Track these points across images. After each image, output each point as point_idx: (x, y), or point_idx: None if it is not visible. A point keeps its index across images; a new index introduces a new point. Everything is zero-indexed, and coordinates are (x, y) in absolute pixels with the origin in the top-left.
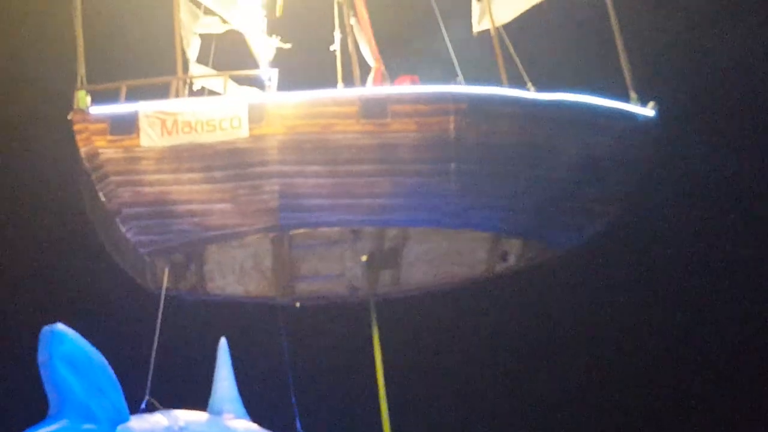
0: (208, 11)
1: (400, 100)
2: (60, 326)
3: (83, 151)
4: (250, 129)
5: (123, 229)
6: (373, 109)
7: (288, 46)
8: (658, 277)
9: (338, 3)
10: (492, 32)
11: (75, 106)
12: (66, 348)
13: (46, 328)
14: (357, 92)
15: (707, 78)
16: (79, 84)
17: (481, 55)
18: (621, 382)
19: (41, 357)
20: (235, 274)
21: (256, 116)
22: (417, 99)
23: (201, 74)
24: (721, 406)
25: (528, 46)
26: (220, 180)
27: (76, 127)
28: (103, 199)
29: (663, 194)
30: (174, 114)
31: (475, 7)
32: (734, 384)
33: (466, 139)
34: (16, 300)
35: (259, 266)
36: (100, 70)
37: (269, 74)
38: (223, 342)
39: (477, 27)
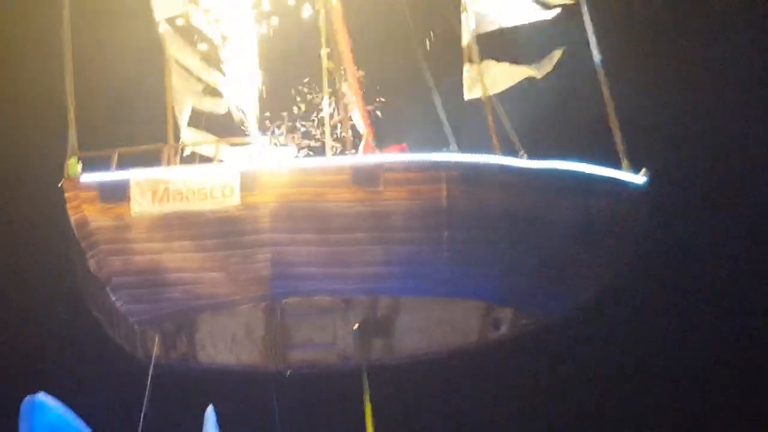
0: (199, 78)
1: (391, 168)
2: (42, 396)
3: (73, 219)
4: (242, 197)
5: (113, 298)
6: (364, 177)
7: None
8: (648, 345)
9: (328, 69)
10: (483, 100)
11: (66, 174)
12: (48, 419)
13: (27, 399)
14: (348, 160)
15: (699, 146)
16: (70, 151)
17: (473, 121)
18: None
19: (22, 429)
20: (227, 344)
21: (247, 184)
22: (409, 167)
23: (192, 141)
24: None
25: (519, 112)
26: (212, 248)
27: (66, 195)
28: (92, 267)
29: (655, 260)
30: (165, 182)
31: (467, 74)
32: None
33: (458, 208)
34: None
35: (251, 335)
36: (92, 136)
37: (260, 142)
38: (209, 410)
39: (468, 95)
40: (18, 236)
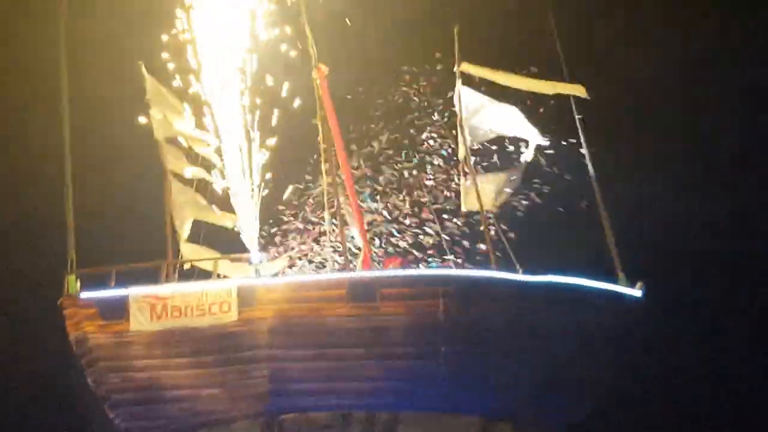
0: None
1: (389, 283)
2: None
3: (73, 336)
4: (240, 313)
5: (111, 415)
6: (362, 293)
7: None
8: None
9: (327, 185)
10: (481, 217)
11: (65, 291)
12: None
13: None
14: (346, 276)
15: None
16: (69, 268)
17: (471, 234)
18: None
19: None
20: None
21: (245, 300)
22: (405, 282)
23: (191, 258)
24: None
25: (517, 228)
26: (210, 365)
27: (66, 312)
28: (91, 384)
29: (651, 371)
30: (163, 298)
31: (463, 187)
32: None
33: (455, 323)
34: None
35: None
36: (91, 252)
37: (259, 258)
38: None
39: (465, 207)
40: (16, 352)
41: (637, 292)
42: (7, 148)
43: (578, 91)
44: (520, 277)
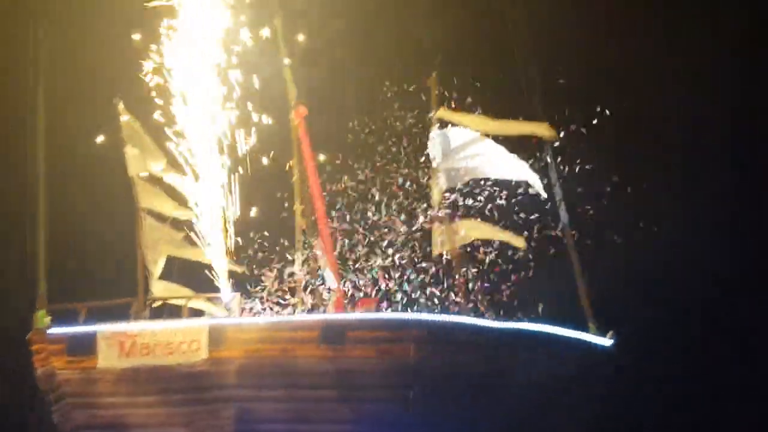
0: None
1: (360, 326)
2: None
3: (40, 371)
4: (209, 351)
5: None
6: (333, 335)
7: (242, 269)
8: None
9: (299, 225)
10: (455, 261)
11: (34, 326)
12: None
13: None
14: (317, 318)
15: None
16: (38, 303)
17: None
18: None
19: None
20: None
21: (216, 339)
22: (376, 326)
23: (162, 297)
24: None
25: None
26: (177, 404)
27: (34, 348)
28: (56, 420)
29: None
30: (132, 336)
31: (436, 231)
32: None
33: (424, 367)
34: None
35: None
36: (61, 287)
37: (230, 297)
38: None
39: (435, 250)
40: None
41: (607, 341)
42: None
43: (545, 130)
44: (490, 323)
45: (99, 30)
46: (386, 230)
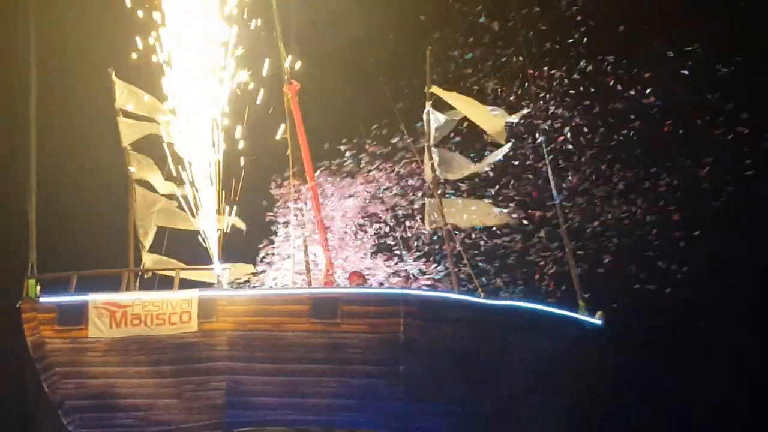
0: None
1: (350, 301)
2: None
3: (30, 340)
4: (200, 324)
5: (65, 421)
6: (323, 309)
7: (243, 226)
8: None
9: (294, 204)
10: (444, 238)
11: (24, 295)
12: None
13: None
14: (308, 292)
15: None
16: (29, 272)
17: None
18: None
19: None
20: None
21: (206, 311)
22: (367, 300)
23: (153, 267)
24: None
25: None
26: (167, 374)
27: (24, 316)
28: (47, 389)
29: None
30: (123, 306)
31: (428, 207)
32: None
33: (415, 342)
34: None
35: None
36: (52, 257)
37: (221, 270)
38: None
39: (429, 227)
40: None
41: (597, 321)
42: None
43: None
44: (481, 300)
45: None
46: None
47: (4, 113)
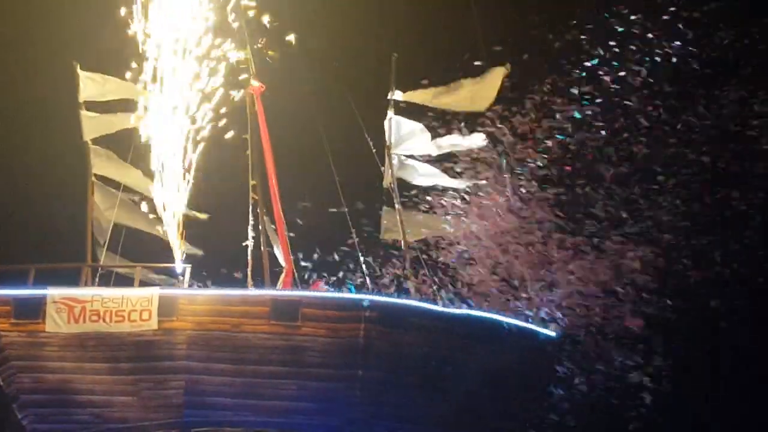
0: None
1: (311, 304)
2: None
3: None
4: (159, 322)
5: (19, 416)
6: (284, 311)
7: (204, 216)
8: None
9: (254, 200)
10: (404, 244)
11: None
12: None
13: None
14: (270, 293)
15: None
16: None
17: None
18: None
19: None
20: None
21: (166, 310)
22: (329, 305)
23: (112, 264)
24: None
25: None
26: (125, 372)
27: None
28: (1, 383)
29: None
30: (82, 301)
31: (385, 217)
32: None
33: (374, 348)
34: None
35: None
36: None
37: (182, 269)
38: None
39: (384, 236)
40: None
41: (552, 332)
42: None
43: (502, 73)
44: (441, 308)
45: None
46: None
47: None
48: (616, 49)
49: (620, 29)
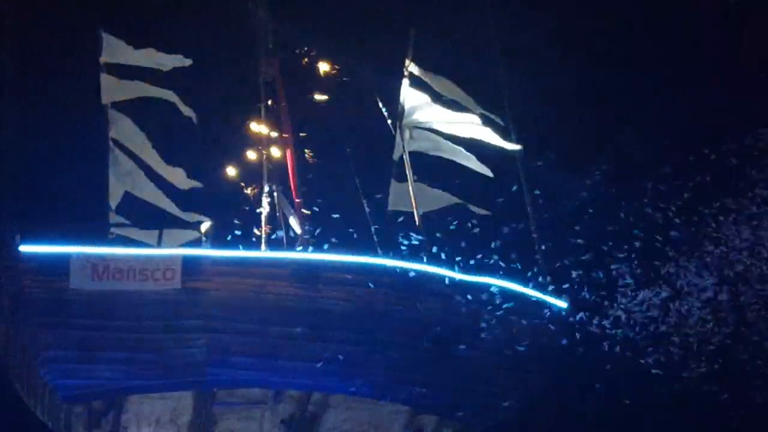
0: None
1: (333, 268)
2: None
3: (9, 288)
4: (183, 282)
5: (41, 372)
6: (305, 275)
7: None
8: None
9: (266, 165)
10: (416, 219)
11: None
12: None
13: None
14: (292, 256)
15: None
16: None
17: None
18: None
19: None
20: (151, 427)
21: (190, 270)
22: (350, 269)
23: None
24: None
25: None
26: (148, 330)
27: (4, 264)
28: (25, 339)
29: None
30: (106, 260)
31: (394, 188)
32: None
33: (394, 313)
34: None
35: (176, 420)
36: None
37: (206, 229)
38: None
39: (392, 206)
40: None
41: (563, 303)
42: None
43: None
44: (457, 275)
45: None
46: None
47: None
48: None
49: None
